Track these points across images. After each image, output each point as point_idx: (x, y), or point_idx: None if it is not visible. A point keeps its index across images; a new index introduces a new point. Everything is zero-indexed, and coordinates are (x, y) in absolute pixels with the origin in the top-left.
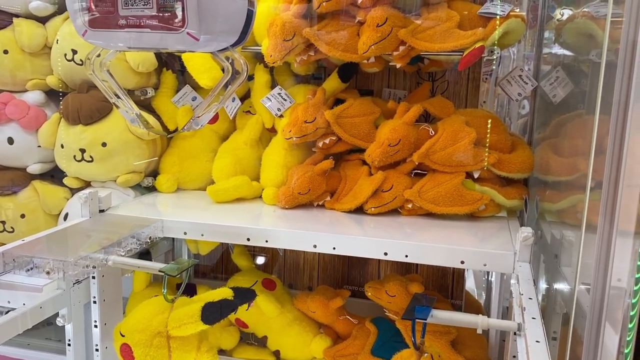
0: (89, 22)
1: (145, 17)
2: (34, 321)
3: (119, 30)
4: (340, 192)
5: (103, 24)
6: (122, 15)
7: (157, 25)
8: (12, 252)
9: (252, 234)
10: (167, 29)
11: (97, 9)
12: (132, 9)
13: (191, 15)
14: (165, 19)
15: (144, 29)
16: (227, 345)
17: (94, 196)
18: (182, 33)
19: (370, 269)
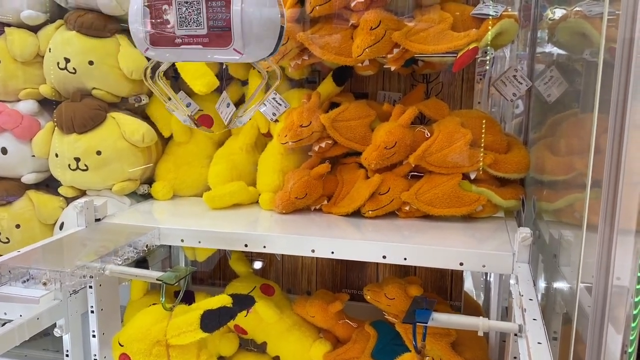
0: (150, 41)
1: (197, 36)
2: (31, 332)
3: (175, 47)
4: (337, 195)
5: (162, 42)
6: (178, 35)
7: (208, 42)
8: (7, 264)
9: (249, 240)
10: (217, 46)
11: (157, 30)
12: (187, 29)
13: (237, 35)
14: (215, 38)
15: (196, 45)
16: (226, 352)
17: (90, 205)
18: (229, 49)
19: (368, 272)
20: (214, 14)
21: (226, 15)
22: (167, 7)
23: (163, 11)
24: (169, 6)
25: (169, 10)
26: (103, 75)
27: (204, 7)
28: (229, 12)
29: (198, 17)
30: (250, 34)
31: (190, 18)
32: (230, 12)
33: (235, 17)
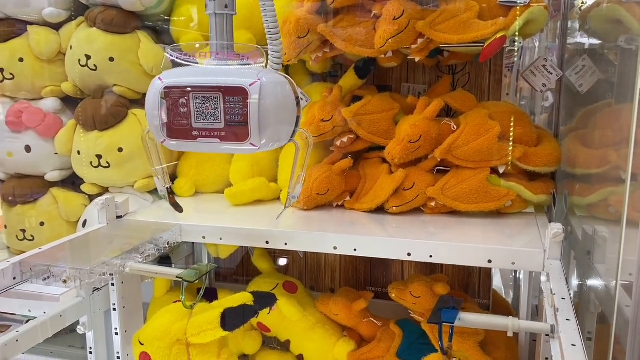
0: (167, 133)
1: (215, 130)
2: (55, 330)
3: (192, 141)
4: (360, 191)
5: (179, 134)
6: (195, 128)
7: (225, 136)
8: (28, 262)
9: (271, 237)
10: (234, 140)
11: (174, 122)
12: (204, 122)
13: (254, 131)
14: (231, 132)
15: (213, 139)
16: (249, 350)
17: (111, 202)
18: (246, 143)
19: (393, 269)
20: (231, 109)
21: (243, 111)
22: (184, 101)
23: (180, 104)
24: (186, 100)
25: (186, 104)
26: (123, 72)
27: (222, 102)
28: (246, 108)
29: (215, 111)
30: (267, 128)
31: (207, 112)
32: (247, 108)
33: (253, 114)
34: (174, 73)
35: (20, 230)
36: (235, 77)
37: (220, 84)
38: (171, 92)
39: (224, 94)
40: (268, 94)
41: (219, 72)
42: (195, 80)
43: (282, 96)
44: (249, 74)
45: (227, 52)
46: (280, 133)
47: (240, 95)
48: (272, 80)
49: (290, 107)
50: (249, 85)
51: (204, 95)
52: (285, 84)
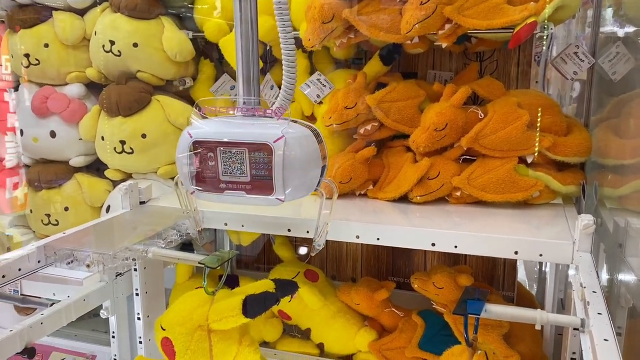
0: (197, 185)
1: (241, 183)
2: (78, 313)
3: (219, 193)
4: (384, 180)
5: (208, 187)
6: (223, 180)
7: (251, 190)
8: (53, 245)
9: (293, 225)
10: (259, 194)
11: (203, 174)
12: (231, 176)
13: (278, 186)
14: (256, 186)
15: (240, 192)
16: (270, 337)
17: (134, 188)
18: (271, 197)
19: (416, 259)
20: (256, 164)
21: (268, 166)
22: (212, 154)
23: (208, 157)
24: (214, 153)
25: (213, 157)
26: (147, 58)
27: (247, 158)
28: (270, 163)
29: (242, 166)
30: (291, 183)
31: (234, 166)
32: (272, 163)
33: (277, 169)
34: (203, 126)
35: (45, 214)
36: (260, 133)
37: (245, 140)
38: (200, 146)
39: (249, 149)
40: (292, 149)
41: (244, 128)
42: (221, 136)
43: (307, 150)
44: (274, 129)
45: (254, 106)
46: (305, 186)
47: (264, 151)
48: (297, 135)
49: (315, 160)
50: (273, 141)
51: (230, 150)
52: (310, 137)
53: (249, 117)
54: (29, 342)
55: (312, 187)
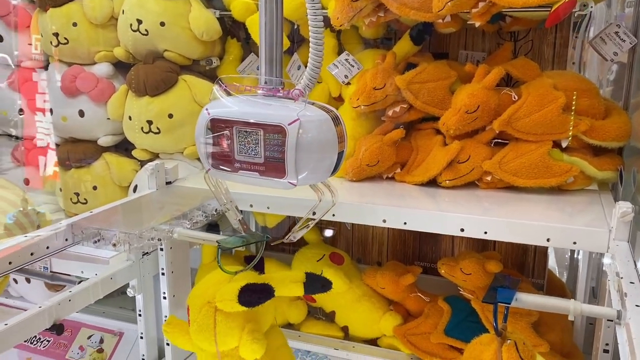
0: (212, 164)
1: (255, 164)
2: (105, 291)
3: (234, 172)
4: (412, 163)
5: (222, 164)
6: (237, 160)
7: (264, 171)
8: (80, 224)
9: (319, 207)
10: (272, 176)
11: (219, 153)
12: (245, 156)
13: (290, 169)
14: (270, 168)
15: (253, 173)
16: (294, 319)
17: (161, 168)
18: (283, 181)
19: (443, 245)
20: (270, 146)
21: (282, 149)
22: (228, 133)
23: (225, 136)
24: (230, 132)
25: (229, 136)
26: (174, 37)
27: (262, 139)
28: (284, 147)
29: (256, 146)
30: (304, 168)
31: (249, 147)
32: (285, 146)
33: (290, 153)
34: (221, 104)
35: (74, 193)
36: (276, 114)
37: (261, 121)
38: (217, 124)
39: (264, 130)
40: (307, 132)
41: (261, 109)
42: (238, 115)
43: (323, 134)
44: (290, 111)
45: (274, 87)
46: (320, 171)
47: (279, 133)
48: (313, 118)
49: (331, 145)
50: (287, 124)
51: (246, 130)
52: (327, 121)
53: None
54: (57, 319)
55: (328, 173)
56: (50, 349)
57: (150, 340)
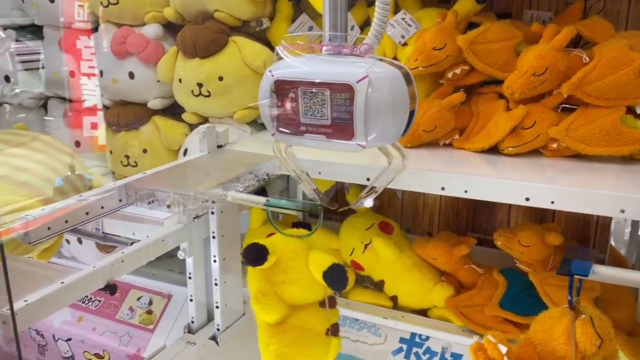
0: (277, 127)
1: (321, 127)
2: (157, 253)
3: (299, 136)
4: (472, 129)
5: (288, 128)
6: (303, 123)
7: (331, 134)
8: (134, 185)
9: (372, 174)
10: (339, 139)
11: (283, 117)
12: (311, 118)
13: (359, 131)
14: (337, 130)
15: (320, 136)
16: None
17: (212, 131)
18: (351, 143)
19: (498, 215)
20: (337, 107)
21: (350, 109)
22: (293, 95)
23: (289, 98)
24: (295, 94)
25: (294, 98)
26: None
27: (329, 99)
28: (352, 106)
29: (322, 107)
30: (374, 128)
31: (314, 108)
32: (353, 106)
33: (359, 113)
34: (285, 65)
35: (124, 156)
36: (343, 72)
37: (327, 80)
38: (281, 86)
39: (330, 90)
40: (377, 90)
41: (326, 67)
42: (302, 75)
43: (393, 92)
44: (358, 68)
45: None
46: (390, 132)
47: (346, 92)
48: (383, 75)
49: (403, 104)
50: (355, 82)
51: (311, 90)
52: (398, 78)
53: (334, 55)
54: (110, 279)
55: (398, 134)
56: (101, 308)
57: (199, 303)
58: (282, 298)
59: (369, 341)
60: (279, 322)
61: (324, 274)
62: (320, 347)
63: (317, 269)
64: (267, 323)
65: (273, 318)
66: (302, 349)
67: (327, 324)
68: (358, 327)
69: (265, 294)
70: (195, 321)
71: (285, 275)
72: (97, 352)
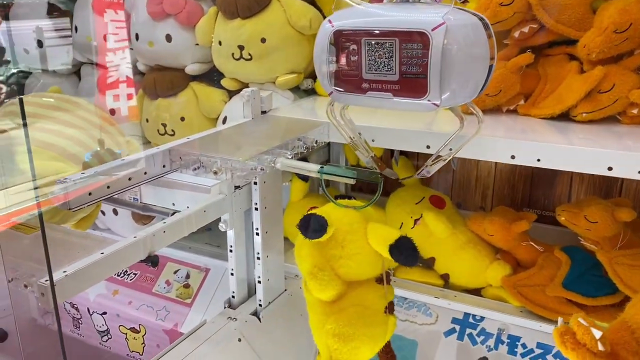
0: (335, 83)
1: (387, 82)
2: (198, 225)
3: (361, 94)
4: (539, 94)
5: (347, 85)
6: (366, 79)
7: (399, 91)
8: (178, 150)
9: (433, 140)
10: (409, 96)
11: (343, 72)
12: (376, 73)
13: (433, 86)
14: (407, 86)
15: (385, 93)
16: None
17: (256, 95)
18: (422, 101)
19: (559, 189)
20: (408, 58)
21: (423, 61)
22: (355, 47)
23: (350, 51)
24: (357, 46)
25: (356, 51)
26: None
27: (397, 50)
28: (426, 57)
29: (389, 60)
30: (451, 83)
31: (380, 61)
32: (428, 57)
33: (434, 65)
34: (346, 14)
35: (161, 124)
36: (415, 19)
37: (397, 28)
38: (341, 37)
39: (400, 39)
40: (455, 39)
41: (396, 13)
42: (367, 24)
43: (473, 43)
44: (433, 15)
45: None
46: (467, 88)
47: (419, 42)
48: (461, 22)
49: (482, 56)
50: (431, 29)
51: (377, 41)
52: (478, 27)
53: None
54: (151, 251)
55: (476, 92)
56: (137, 282)
57: (240, 277)
58: (338, 274)
59: (419, 321)
60: (334, 299)
61: (391, 247)
62: (380, 327)
63: (381, 243)
64: (322, 301)
65: (330, 295)
66: (362, 329)
67: (385, 301)
68: (407, 305)
69: (322, 269)
70: (236, 296)
71: (342, 250)
72: (132, 326)
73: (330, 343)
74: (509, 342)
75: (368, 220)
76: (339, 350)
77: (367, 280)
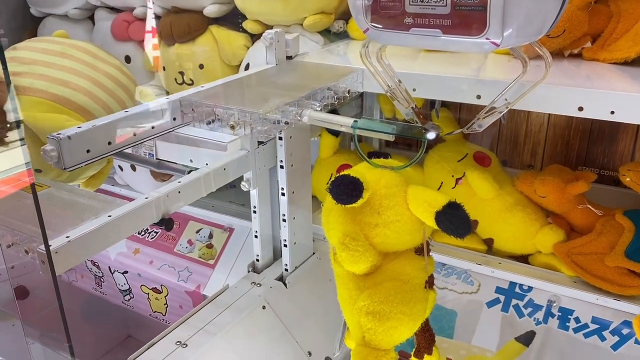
0: (371, 18)
1: (436, 17)
2: (218, 184)
3: (403, 31)
4: (609, 35)
5: (387, 21)
6: (409, 13)
7: (450, 27)
8: (190, 100)
9: (484, 89)
10: (462, 34)
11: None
12: (422, 6)
13: (494, 20)
14: (460, 21)
15: (433, 30)
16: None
17: (281, 38)
18: (480, 39)
19: (620, 147)
20: None
21: None
22: None
23: None
24: None
25: None
26: None
27: None
28: None
29: None
30: (516, 16)
31: None
32: None
33: None
34: None
35: (179, 72)
36: None
37: None
38: None
39: None
40: None
41: None
42: None
43: None
44: None
45: None
46: (532, 26)
47: None
48: None
49: None
50: None
51: None
52: None
53: None
54: (166, 213)
55: (544, 29)
56: (158, 240)
57: (265, 240)
58: (372, 244)
59: (459, 289)
60: (368, 273)
61: (437, 215)
62: (420, 303)
63: (425, 210)
64: (354, 274)
65: (363, 268)
66: (399, 306)
67: (425, 275)
68: (445, 272)
69: (354, 239)
70: (261, 259)
71: (378, 217)
72: (154, 286)
73: (364, 322)
74: (560, 315)
75: (408, 182)
76: (374, 330)
77: (405, 251)
